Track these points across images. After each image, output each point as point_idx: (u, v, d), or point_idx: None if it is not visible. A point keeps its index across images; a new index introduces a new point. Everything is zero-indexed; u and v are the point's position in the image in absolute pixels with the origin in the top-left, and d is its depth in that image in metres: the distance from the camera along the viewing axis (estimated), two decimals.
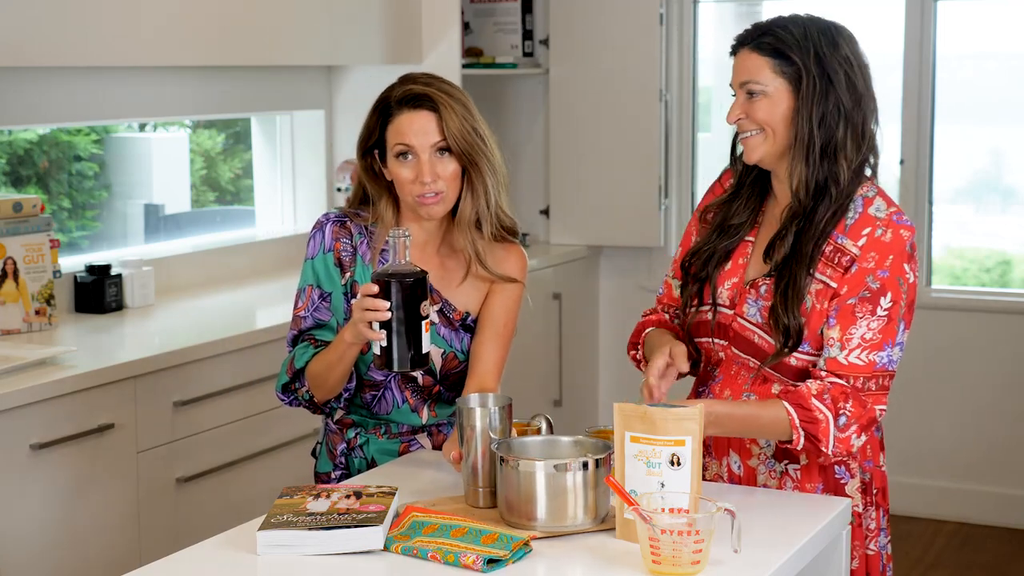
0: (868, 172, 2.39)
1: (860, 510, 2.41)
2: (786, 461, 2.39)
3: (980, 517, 5.01)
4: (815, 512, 2.23)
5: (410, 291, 2.26)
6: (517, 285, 2.58)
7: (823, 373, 2.29)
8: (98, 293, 3.76)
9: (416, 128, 2.45)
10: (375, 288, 2.27)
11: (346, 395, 2.55)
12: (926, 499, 5.08)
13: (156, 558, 2.13)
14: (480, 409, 2.26)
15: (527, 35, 5.21)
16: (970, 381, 5.01)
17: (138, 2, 3.65)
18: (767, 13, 5.54)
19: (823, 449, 2.25)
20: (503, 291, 2.57)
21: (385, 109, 2.50)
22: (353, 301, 2.34)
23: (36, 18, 3.37)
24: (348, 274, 2.54)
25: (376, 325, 2.27)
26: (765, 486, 2.41)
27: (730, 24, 5.48)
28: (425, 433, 2.59)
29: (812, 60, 2.31)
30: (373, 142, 2.52)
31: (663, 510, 1.95)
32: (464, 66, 4.82)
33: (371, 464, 2.58)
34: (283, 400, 2.57)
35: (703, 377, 2.49)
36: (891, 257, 2.29)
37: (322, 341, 2.53)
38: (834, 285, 2.31)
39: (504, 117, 5.39)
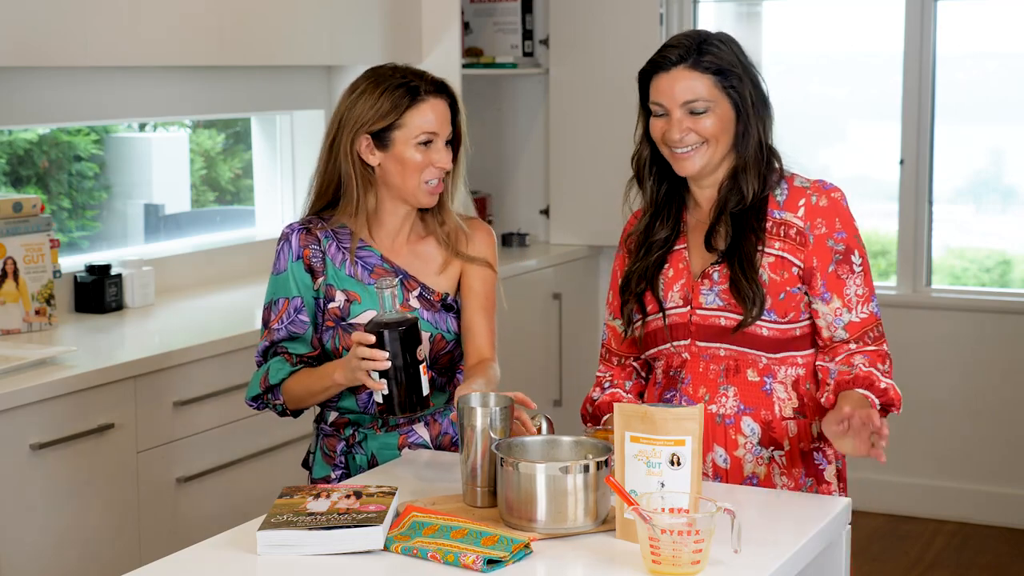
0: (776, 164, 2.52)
1: (837, 495, 2.49)
2: (772, 447, 2.44)
3: (980, 517, 5.01)
4: (815, 512, 2.23)
5: (406, 338, 2.30)
6: (490, 261, 2.63)
7: (852, 347, 2.42)
8: (98, 293, 3.76)
9: (440, 116, 2.51)
10: (371, 339, 2.30)
11: (333, 402, 2.59)
12: (926, 499, 5.08)
13: (156, 558, 2.13)
14: (481, 409, 2.26)
15: (527, 35, 5.21)
16: (970, 381, 5.01)
17: (138, 2, 3.65)
18: (767, 13, 5.53)
19: (895, 409, 2.39)
20: (478, 266, 2.61)
21: (414, 91, 2.49)
22: (351, 348, 2.36)
23: (36, 18, 3.37)
24: (320, 279, 2.55)
25: (376, 374, 2.30)
26: (753, 474, 2.44)
27: (730, 24, 5.47)
28: (422, 423, 2.60)
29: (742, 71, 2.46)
30: (388, 124, 2.50)
31: (663, 510, 1.95)
32: (464, 66, 4.82)
33: (372, 460, 2.58)
34: (252, 406, 2.60)
35: (668, 383, 2.50)
36: (837, 219, 2.45)
37: (296, 355, 2.55)
38: (790, 257, 2.43)
39: (504, 117, 5.39)
